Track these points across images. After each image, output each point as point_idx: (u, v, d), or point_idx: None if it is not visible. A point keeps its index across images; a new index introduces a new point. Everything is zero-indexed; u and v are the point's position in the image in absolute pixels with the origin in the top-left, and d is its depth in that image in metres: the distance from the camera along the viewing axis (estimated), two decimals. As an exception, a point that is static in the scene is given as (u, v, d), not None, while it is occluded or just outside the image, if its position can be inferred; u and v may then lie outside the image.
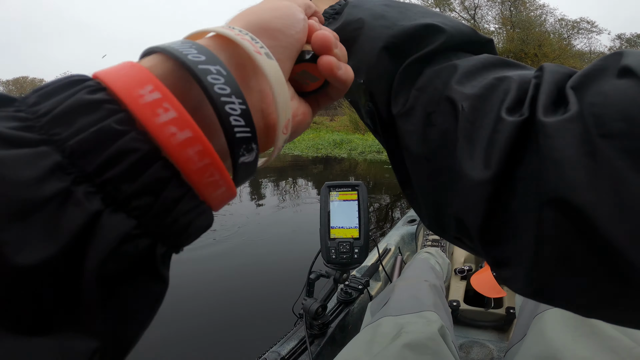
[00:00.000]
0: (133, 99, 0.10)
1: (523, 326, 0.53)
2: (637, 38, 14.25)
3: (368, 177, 4.86)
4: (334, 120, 14.95)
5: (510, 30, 11.58)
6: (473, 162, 0.17)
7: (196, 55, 0.12)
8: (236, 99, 0.13)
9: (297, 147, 7.53)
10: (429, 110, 0.21)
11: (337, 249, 0.67)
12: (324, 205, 0.69)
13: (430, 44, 0.22)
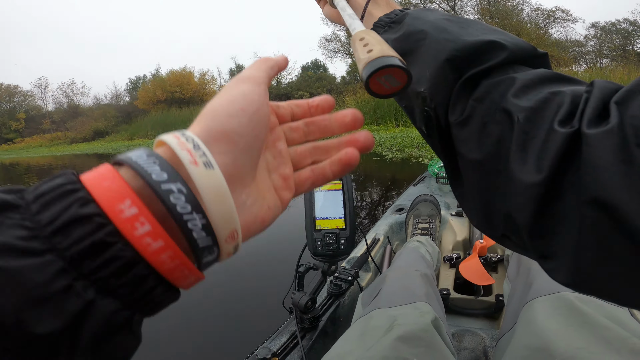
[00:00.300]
0: (115, 214, 0.13)
1: (512, 315, 0.53)
2: (611, 26, 14.56)
3: (358, 170, 4.86)
4: (322, 116, 14.92)
5: (489, 20, 11.68)
6: (526, 167, 0.19)
7: (159, 173, 0.14)
8: (197, 214, 0.15)
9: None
10: (485, 120, 0.22)
11: (323, 241, 0.65)
12: (308, 196, 0.67)
13: (492, 59, 0.24)
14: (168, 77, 19.44)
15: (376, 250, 1.14)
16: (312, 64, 22.61)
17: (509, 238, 0.22)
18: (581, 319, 0.42)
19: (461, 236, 1.16)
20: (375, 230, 1.27)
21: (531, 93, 0.21)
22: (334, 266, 0.72)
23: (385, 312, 0.53)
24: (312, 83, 20.41)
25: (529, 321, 0.46)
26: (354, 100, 10.89)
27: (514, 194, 0.20)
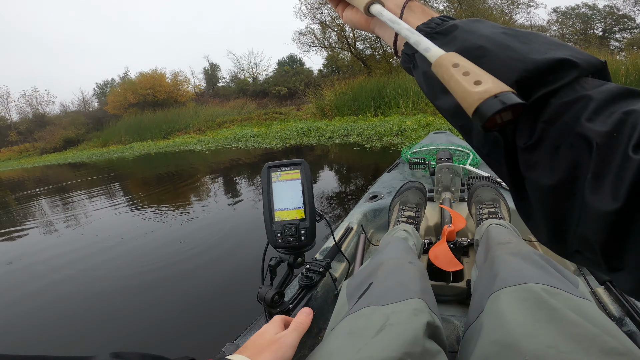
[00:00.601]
0: None
1: (478, 305, 0.51)
2: (571, 11, 15.04)
3: (341, 161, 4.87)
4: (301, 110, 14.81)
5: (458, 7, 11.82)
6: (602, 195, 0.19)
7: None
8: None
9: (266, 140, 7.40)
10: (558, 144, 0.22)
11: (283, 232, 0.63)
12: (265, 188, 0.65)
13: (563, 78, 0.23)
14: (138, 80, 18.84)
15: (350, 239, 1.12)
16: (287, 58, 22.36)
17: (582, 254, 0.23)
18: (549, 313, 0.41)
19: (432, 221, 1.16)
20: (349, 219, 1.24)
21: (604, 114, 0.20)
22: (300, 258, 0.70)
23: (377, 311, 0.49)
24: (289, 78, 20.22)
25: (497, 314, 0.44)
26: (332, 93, 10.87)
27: (590, 219, 0.20)
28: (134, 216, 3.25)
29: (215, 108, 16.27)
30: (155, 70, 19.34)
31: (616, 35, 14.38)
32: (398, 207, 1.07)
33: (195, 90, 22.46)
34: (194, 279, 1.84)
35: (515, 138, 0.24)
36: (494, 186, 1.11)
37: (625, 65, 6.67)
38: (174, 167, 6.34)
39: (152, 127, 14.16)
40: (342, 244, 1.08)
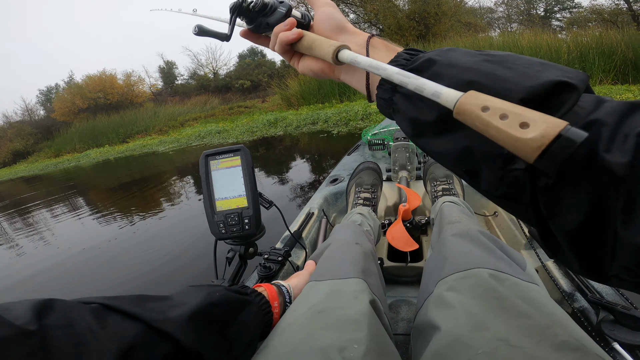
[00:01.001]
0: (272, 306, 0.49)
1: (425, 288, 0.51)
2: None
3: (310, 148, 4.84)
4: (266, 101, 14.54)
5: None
6: (635, 228, 0.18)
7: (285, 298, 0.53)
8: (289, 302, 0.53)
9: (232, 135, 7.20)
10: (578, 180, 0.20)
11: (225, 222, 0.61)
12: (204, 177, 0.62)
13: (565, 103, 0.21)
14: (86, 83, 17.63)
15: (311, 224, 1.11)
16: (248, 51, 21.83)
17: (621, 278, 0.22)
18: (498, 303, 0.40)
19: (391, 201, 1.16)
20: (310, 204, 1.23)
21: (619, 140, 0.19)
22: (252, 248, 0.68)
23: (316, 286, 0.49)
24: (252, 70, 19.76)
25: (446, 304, 0.43)
26: (297, 82, 10.75)
27: (628, 253, 0.19)
28: (98, 225, 3.07)
29: (176, 107, 15.57)
30: (104, 72, 18.21)
31: (557, 15, 15.28)
32: (354, 190, 1.07)
33: (152, 90, 21.36)
34: (162, 286, 1.77)
35: (533, 178, 0.22)
36: None
37: (567, 43, 7.06)
38: (137, 170, 6.03)
39: (108, 132, 13.33)
40: (303, 230, 1.06)
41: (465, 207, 0.84)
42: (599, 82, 6.45)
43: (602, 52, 6.57)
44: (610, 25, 9.18)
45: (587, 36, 7.22)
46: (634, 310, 0.56)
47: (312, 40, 0.35)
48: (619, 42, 6.54)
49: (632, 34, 6.92)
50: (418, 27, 11.87)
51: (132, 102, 17.68)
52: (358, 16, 13.50)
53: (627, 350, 0.52)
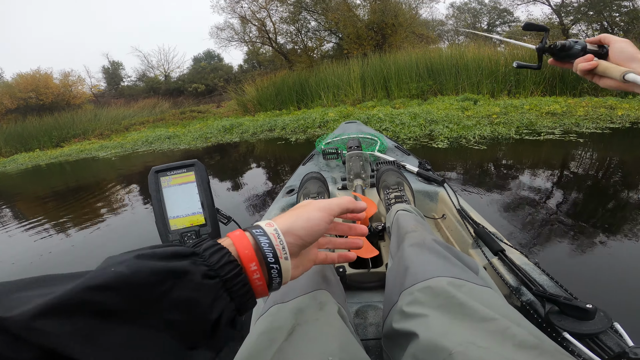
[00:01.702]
0: (248, 269, 0.32)
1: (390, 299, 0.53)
2: (464, 5, 17.19)
3: (267, 156, 4.76)
4: (221, 107, 14.11)
5: (373, 2, 12.45)
6: None
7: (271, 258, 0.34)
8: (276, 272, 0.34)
9: (184, 141, 6.83)
10: None
11: (182, 242, 0.57)
12: (155, 195, 0.57)
13: None
14: (16, 82, 15.78)
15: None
16: (204, 54, 21.13)
17: None
18: (461, 310, 0.43)
19: None
20: (267, 216, 1.21)
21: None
22: None
23: (284, 308, 0.48)
24: (207, 74, 19.11)
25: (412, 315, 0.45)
26: (254, 88, 10.58)
27: None
28: (28, 237, 2.70)
29: (120, 109, 14.42)
30: (39, 71, 16.45)
31: (497, 29, 16.86)
32: (302, 200, 1.09)
33: (93, 91, 19.70)
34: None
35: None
36: (397, 170, 1.16)
37: (505, 56, 7.77)
38: (72, 177, 5.47)
39: (39, 135, 11.95)
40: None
41: (417, 214, 0.88)
42: (530, 94, 7.19)
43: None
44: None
45: (523, 49, 8.02)
46: (575, 300, 0.61)
47: (606, 67, 0.52)
48: (548, 56, 7.38)
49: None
50: (376, 36, 12.35)
51: (68, 103, 16.10)
52: (319, 24, 13.73)
53: (577, 339, 0.56)
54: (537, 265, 0.79)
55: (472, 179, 2.70)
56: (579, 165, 2.90)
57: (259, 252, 0.33)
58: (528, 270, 0.76)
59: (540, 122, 4.38)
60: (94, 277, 0.24)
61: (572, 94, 6.97)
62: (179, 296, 0.26)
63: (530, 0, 13.74)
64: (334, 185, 1.36)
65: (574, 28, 13.15)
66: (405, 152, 1.80)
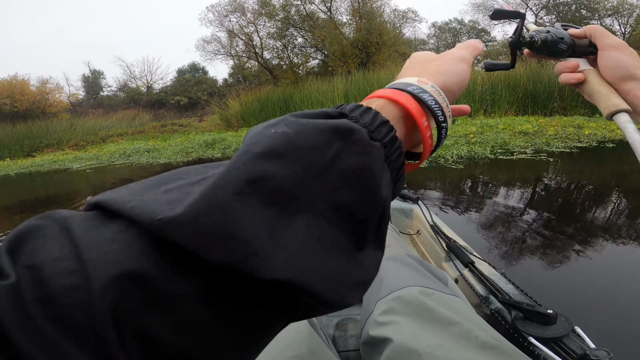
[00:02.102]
0: (421, 124, 0.24)
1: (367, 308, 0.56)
2: (445, 25, 18.04)
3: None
4: (204, 121, 14.00)
5: (359, 21, 12.88)
6: None
7: (434, 103, 0.26)
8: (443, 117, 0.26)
9: (164, 155, 6.70)
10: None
11: None
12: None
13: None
14: (-8, 88, 15.24)
15: None
16: (189, 66, 21.10)
17: None
18: (430, 315, 0.47)
19: None
20: None
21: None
22: None
23: None
24: (191, 87, 19.03)
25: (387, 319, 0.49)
26: (238, 103, 10.60)
27: None
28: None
29: (98, 120, 14.09)
30: (16, 77, 16.05)
31: None
32: None
33: (70, 100, 19.22)
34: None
35: None
36: None
37: (482, 76, 8.10)
38: (42, 189, 5.23)
39: (10, 144, 11.46)
40: None
41: (393, 230, 0.95)
42: (505, 113, 7.52)
43: (509, 84, 7.65)
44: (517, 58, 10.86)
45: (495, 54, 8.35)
46: (537, 306, 0.65)
47: (592, 92, 0.39)
48: (522, 76, 7.66)
49: (534, 67, 8.10)
50: (360, 55, 12.73)
51: (44, 111, 15.63)
52: (306, 40, 14.05)
53: (542, 343, 0.59)
54: (504, 275, 0.84)
55: (451, 197, 2.76)
56: (548, 183, 3.02)
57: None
58: (495, 280, 0.80)
59: (513, 141, 4.56)
60: (256, 142, 0.18)
61: (543, 113, 7.34)
62: (350, 164, 0.19)
63: (506, 21, 14.51)
64: None
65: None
66: None
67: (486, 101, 7.75)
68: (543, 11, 13.69)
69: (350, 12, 13.08)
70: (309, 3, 13.16)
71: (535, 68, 8.08)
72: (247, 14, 13.52)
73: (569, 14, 12.87)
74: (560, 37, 0.41)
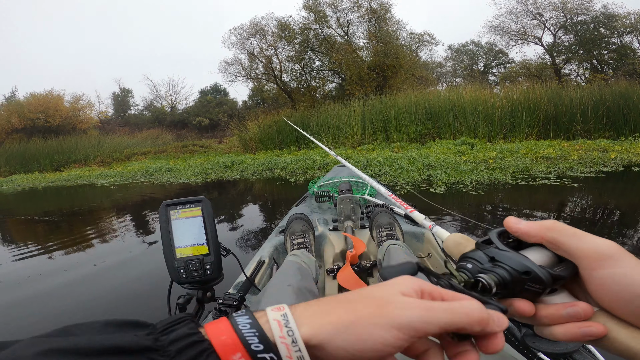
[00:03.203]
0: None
1: None
2: (461, 48, 18.20)
3: (265, 195, 4.80)
4: (223, 142, 14.41)
5: (375, 44, 13.13)
6: None
7: (257, 344, 0.20)
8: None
9: (184, 175, 6.90)
10: None
11: (187, 268, 0.62)
12: (165, 226, 0.64)
13: None
14: (28, 102, 16.22)
15: (263, 272, 1.15)
16: (211, 88, 21.93)
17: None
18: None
19: (339, 248, 1.26)
20: (260, 252, 1.28)
21: None
22: (209, 292, 0.69)
23: None
24: (212, 108, 19.73)
25: None
26: (256, 125, 10.86)
27: None
28: (14, 262, 2.64)
29: (124, 138, 14.74)
30: (51, 92, 16.94)
31: (493, 70, 17.66)
32: (289, 239, 1.21)
33: (100, 117, 20.22)
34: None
35: None
36: (389, 212, 1.30)
37: (500, 99, 8.00)
38: (67, 203, 5.46)
39: (40, 157, 12.09)
40: (255, 277, 1.10)
41: (407, 248, 1.00)
42: (525, 137, 7.39)
43: (529, 107, 7.51)
44: (536, 80, 10.63)
45: (517, 91, 8.21)
46: None
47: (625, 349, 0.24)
48: (542, 98, 7.52)
49: (554, 88, 8.02)
50: (377, 78, 12.94)
51: (74, 127, 16.47)
52: (323, 64, 14.47)
53: (553, 359, 0.60)
54: None
55: (469, 226, 2.72)
56: (573, 210, 2.94)
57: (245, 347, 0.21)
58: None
59: (535, 166, 4.49)
60: None
61: (565, 137, 7.18)
62: None
63: (524, 42, 14.61)
64: (325, 226, 1.43)
65: (565, 67, 13.82)
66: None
67: (505, 125, 7.65)
68: (561, 31, 13.60)
69: (367, 35, 13.37)
70: (327, 27, 13.64)
71: (555, 89, 7.98)
72: (267, 37, 14.07)
73: (588, 32, 12.75)
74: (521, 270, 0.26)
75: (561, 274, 0.26)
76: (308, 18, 13.54)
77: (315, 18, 13.41)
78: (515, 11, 13.94)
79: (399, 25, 13.56)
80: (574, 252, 0.26)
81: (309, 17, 13.53)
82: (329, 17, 13.45)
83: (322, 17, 13.39)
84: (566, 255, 0.27)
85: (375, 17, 13.06)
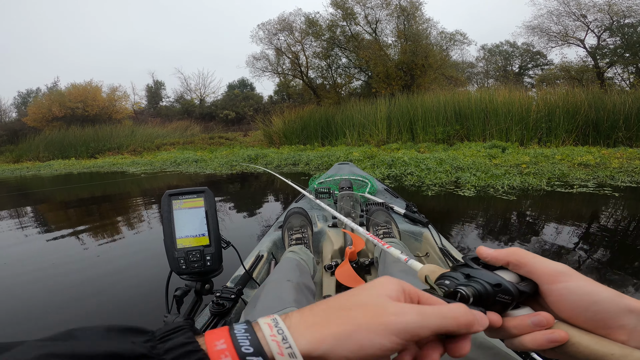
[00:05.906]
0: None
1: None
2: (495, 48, 17.43)
3: (287, 190, 4.81)
4: (248, 136, 14.67)
5: (404, 43, 12.84)
6: None
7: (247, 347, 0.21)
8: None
9: (210, 166, 7.09)
10: None
11: (187, 259, 0.61)
12: (166, 215, 0.62)
13: None
14: (69, 92, 17.23)
15: (261, 266, 1.15)
16: (239, 82, 22.38)
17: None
18: None
19: (337, 245, 1.24)
20: (259, 247, 1.28)
21: None
22: (208, 284, 0.68)
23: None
24: (239, 102, 20.12)
25: None
26: (281, 120, 10.97)
27: None
28: (44, 244, 2.79)
29: (155, 128, 15.39)
30: (90, 83, 17.95)
31: (529, 72, 16.73)
32: (287, 234, 1.22)
33: (134, 108, 21.16)
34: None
35: None
36: (386, 211, 1.30)
37: (536, 101, 7.59)
38: (99, 189, 5.73)
39: (77, 145, 12.86)
40: (253, 271, 1.10)
41: (403, 247, 1.01)
42: (562, 142, 6.97)
43: (567, 111, 7.07)
44: (576, 83, 9.91)
45: (555, 94, 7.72)
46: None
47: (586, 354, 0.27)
48: (582, 102, 7.05)
49: (596, 92, 7.49)
50: (405, 77, 12.68)
51: (110, 117, 17.35)
52: (350, 61, 14.35)
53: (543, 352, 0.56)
54: None
55: (503, 231, 2.58)
56: (614, 220, 2.72)
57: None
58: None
59: (572, 173, 4.21)
60: None
61: (605, 144, 6.72)
62: None
63: (565, 43, 13.73)
64: (324, 222, 1.42)
65: (609, 71, 12.91)
66: (394, 195, 1.94)
67: (541, 129, 7.24)
68: (606, 33, 12.68)
69: (396, 33, 13.12)
70: (355, 24, 13.48)
71: (597, 93, 7.46)
72: (294, 33, 14.15)
73: (635, 35, 11.83)
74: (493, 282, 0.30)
75: (524, 289, 0.31)
76: (336, 15, 13.49)
77: (343, 15, 13.31)
78: (556, 12, 13.10)
79: (430, 24, 13.21)
80: (535, 271, 0.31)
81: (336, 14, 13.47)
82: (357, 14, 13.31)
83: (350, 14, 13.26)
84: (528, 274, 0.31)
85: (404, 15, 12.76)
